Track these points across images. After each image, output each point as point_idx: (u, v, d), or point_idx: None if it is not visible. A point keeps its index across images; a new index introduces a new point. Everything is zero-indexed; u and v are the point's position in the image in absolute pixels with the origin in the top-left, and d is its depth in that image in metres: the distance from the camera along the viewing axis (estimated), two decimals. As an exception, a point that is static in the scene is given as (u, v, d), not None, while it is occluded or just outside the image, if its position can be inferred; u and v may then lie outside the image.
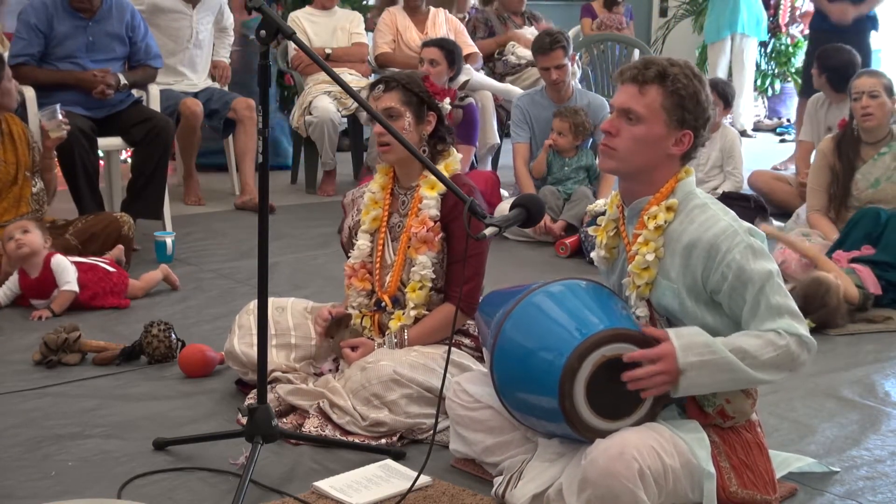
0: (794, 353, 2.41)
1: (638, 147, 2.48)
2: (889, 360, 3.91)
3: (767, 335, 2.40)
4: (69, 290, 4.15)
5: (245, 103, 6.23)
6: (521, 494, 2.54)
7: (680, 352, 2.37)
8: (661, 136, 2.47)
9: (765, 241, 2.48)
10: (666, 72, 2.45)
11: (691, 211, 2.49)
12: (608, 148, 2.52)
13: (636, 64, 2.51)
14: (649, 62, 2.50)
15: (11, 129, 4.59)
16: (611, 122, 2.52)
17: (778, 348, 2.39)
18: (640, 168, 2.51)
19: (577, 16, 9.23)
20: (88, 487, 2.72)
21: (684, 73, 2.46)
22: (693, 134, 2.49)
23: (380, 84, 3.23)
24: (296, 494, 2.67)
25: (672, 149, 2.49)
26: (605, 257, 2.67)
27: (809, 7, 10.05)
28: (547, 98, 5.86)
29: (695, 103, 2.46)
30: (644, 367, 2.39)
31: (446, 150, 3.24)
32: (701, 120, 2.49)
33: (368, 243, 3.28)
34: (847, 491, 2.81)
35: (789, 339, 2.40)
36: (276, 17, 2.57)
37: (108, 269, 4.32)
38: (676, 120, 2.46)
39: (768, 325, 2.40)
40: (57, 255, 4.21)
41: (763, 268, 2.41)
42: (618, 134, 2.50)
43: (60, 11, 5.12)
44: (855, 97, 4.83)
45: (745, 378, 2.41)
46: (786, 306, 2.42)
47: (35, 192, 4.61)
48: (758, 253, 2.42)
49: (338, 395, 3.03)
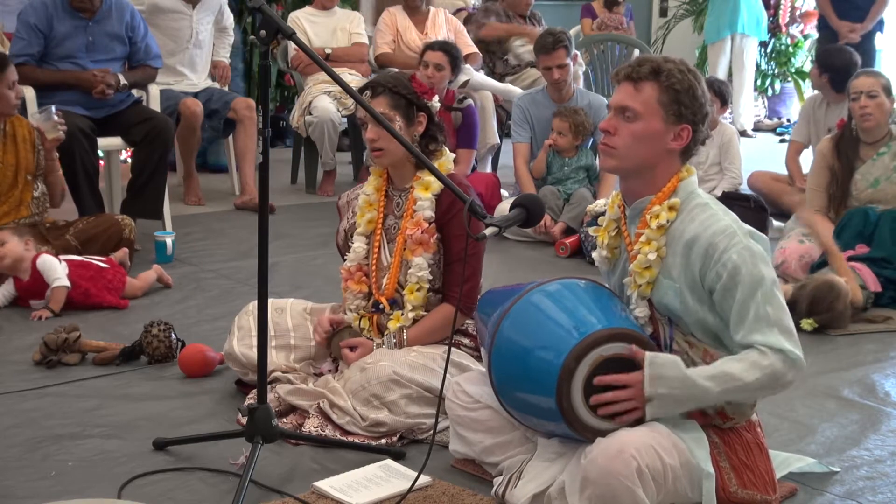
0: (778, 372, 2.38)
1: (637, 144, 2.48)
2: (889, 360, 3.91)
3: (750, 356, 2.38)
4: (60, 285, 4.15)
5: (245, 103, 6.22)
6: (521, 494, 2.54)
7: (648, 381, 2.37)
8: (660, 131, 2.48)
9: (767, 246, 2.47)
10: (660, 68, 2.47)
11: (693, 210, 2.49)
12: (607, 147, 2.53)
13: (630, 62, 2.53)
14: (643, 60, 2.51)
15: (16, 130, 4.57)
16: (608, 121, 2.53)
17: (763, 369, 2.37)
18: (640, 165, 2.51)
19: (578, 16, 9.23)
20: (88, 487, 2.72)
21: (679, 69, 2.48)
22: (691, 128, 2.49)
23: (366, 90, 3.21)
24: (296, 494, 2.67)
25: (671, 144, 2.49)
26: (606, 257, 2.67)
27: (809, 7, 10.07)
28: (548, 98, 5.87)
29: (691, 97, 2.47)
30: (612, 392, 2.40)
31: (439, 150, 3.23)
32: (699, 114, 2.49)
33: (364, 246, 3.27)
34: (847, 491, 2.81)
35: (773, 357, 2.37)
36: (276, 17, 2.57)
37: (101, 266, 4.32)
38: (673, 114, 2.47)
39: (754, 336, 2.38)
40: (43, 255, 4.22)
41: (759, 272, 2.39)
42: (616, 132, 2.50)
43: (60, 11, 5.12)
44: (853, 97, 4.82)
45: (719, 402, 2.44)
46: (775, 318, 2.39)
47: (36, 195, 4.59)
48: (756, 256, 2.41)
49: (338, 395, 3.03)
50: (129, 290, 4.36)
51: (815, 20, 10.21)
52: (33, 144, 4.58)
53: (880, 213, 4.64)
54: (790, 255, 4.73)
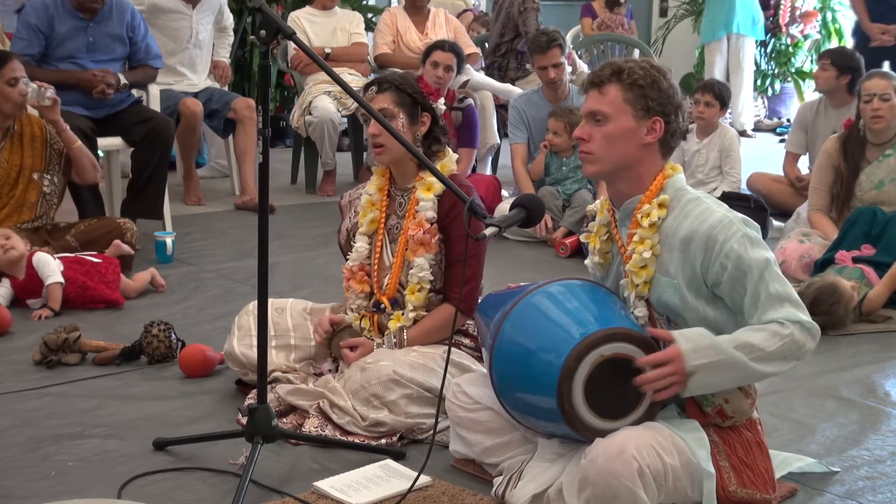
0: (798, 340, 2.42)
1: (612, 144, 2.51)
2: (889, 360, 3.91)
3: (770, 326, 2.41)
4: (53, 282, 4.15)
5: (245, 103, 6.23)
6: (521, 495, 2.54)
7: (688, 355, 2.38)
8: (632, 128, 2.50)
9: (759, 231, 2.50)
10: (621, 68, 2.51)
11: (685, 205, 2.50)
12: (585, 154, 2.56)
13: (594, 72, 2.58)
14: (604, 65, 2.56)
15: (24, 129, 4.54)
16: (581, 128, 2.56)
17: (783, 338, 2.40)
18: (619, 164, 2.53)
19: (577, 16, 9.23)
20: (88, 487, 2.72)
21: (640, 66, 2.52)
22: (663, 120, 2.51)
23: (373, 86, 3.22)
24: (296, 494, 2.67)
25: (646, 138, 2.51)
26: (599, 263, 2.68)
27: (809, 7, 10.08)
28: (543, 98, 5.88)
29: (656, 90, 2.50)
30: (655, 371, 2.40)
31: (441, 151, 3.24)
32: (668, 105, 2.51)
33: (367, 245, 3.27)
34: (847, 491, 2.81)
35: (792, 327, 2.41)
36: (276, 18, 2.57)
37: (94, 261, 4.32)
38: (642, 109, 2.50)
39: (770, 314, 2.41)
40: (37, 253, 4.22)
41: (761, 256, 2.42)
42: (591, 138, 2.53)
43: (61, 11, 5.12)
44: (865, 99, 4.81)
45: (753, 373, 2.42)
46: (785, 294, 2.43)
47: (46, 192, 4.57)
48: (754, 242, 2.44)
49: (338, 395, 3.03)
50: (125, 289, 4.36)
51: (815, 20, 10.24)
52: (44, 141, 4.54)
53: (889, 216, 4.62)
54: (790, 255, 4.73)
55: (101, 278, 4.27)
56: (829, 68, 5.98)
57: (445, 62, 5.87)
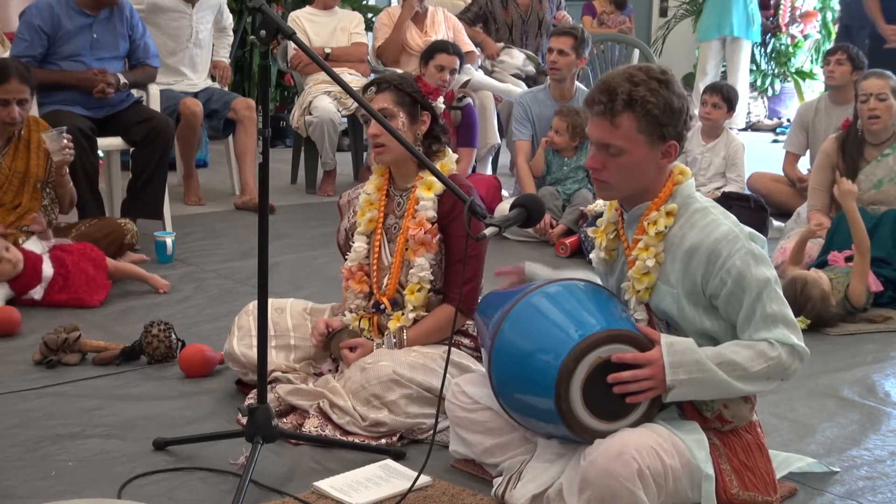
0: (784, 363, 2.42)
1: (628, 174, 2.48)
2: (889, 360, 3.91)
3: (759, 346, 2.41)
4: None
5: (245, 103, 6.22)
6: (521, 495, 2.54)
7: (669, 369, 2.38)
8: (647, 156, 2.46)
9: (765, 247, 2.48)
10: (632, 97, 2.40)
11: (692, 215, 2.49)
12: (600, 182, 2.53)
13: (600, 97, 2.44)
14: (612, 91, 2.42)
15: (31, 136, 4.48)
16: (593, 158, 2.50)
17: (769, 360, 2.40)
18: (638, 189, 2.52)
19: (578, 15, 9.22)
20: (88, 487, 2.72)
21: (649, 89, 2.41)
22: (679, 143, 2.48)
23: (372, 86, 3.22)
24: (296, 494, 2.67)
25: (661, 161, 2.49)
26: (604, 259, 2.67)
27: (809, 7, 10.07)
28: (549, 96, 5.89)
29: (670, 114, 2.43)
30: (631, 371, 2.39)
31: (442, 151, 3.23)
32: (681, 125, 2.47)
33: (365, 245, 3.27)
34: (847, 491, 2.81)
35: (781, 349, 2.41)
36: (276, 18, 2.57)
37: (69, 243, 4.38)
38: (658, 137, 2.45)
39: (762, 333, 2.41)
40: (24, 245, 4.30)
41: (762, 275, 2.41)
42: (604, 167, 2.49)
43: (66, 9, 5.10)
44: (863, 99, 4.81)
45: (733, 391, 2.43)
46: (781, 315, 2.42)
47: (45, 203, 4.53)
48: (758, 259, 2.42)
49: (338, 395, 3.03)
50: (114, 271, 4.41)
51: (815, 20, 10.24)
52: (48, 153, 4.53)
53: (881, 214, 4.63)
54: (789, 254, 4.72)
55: (82, 255, 4.31)
56: (846, 63, 5.95)
57: (451, 66, 5.90)
